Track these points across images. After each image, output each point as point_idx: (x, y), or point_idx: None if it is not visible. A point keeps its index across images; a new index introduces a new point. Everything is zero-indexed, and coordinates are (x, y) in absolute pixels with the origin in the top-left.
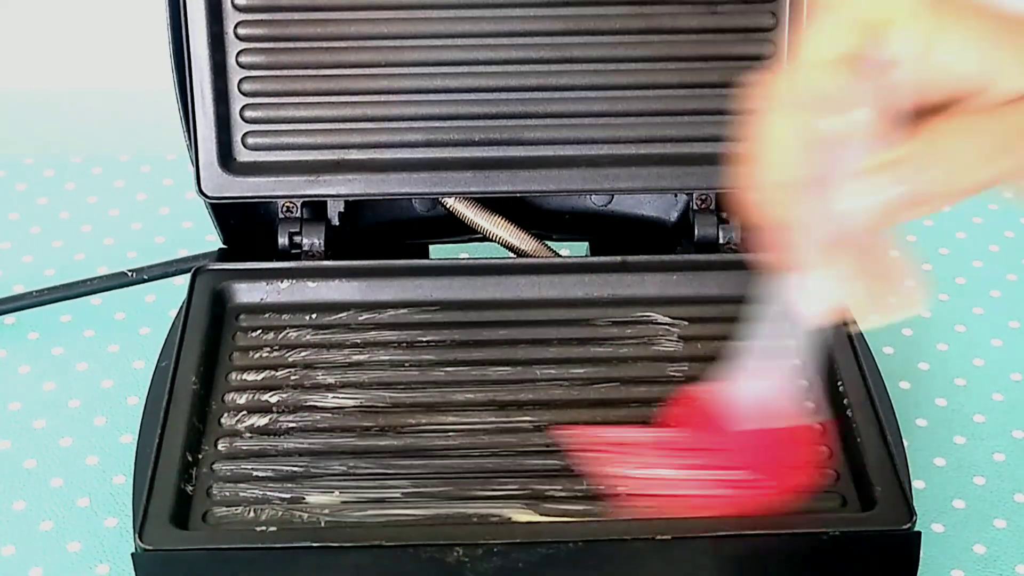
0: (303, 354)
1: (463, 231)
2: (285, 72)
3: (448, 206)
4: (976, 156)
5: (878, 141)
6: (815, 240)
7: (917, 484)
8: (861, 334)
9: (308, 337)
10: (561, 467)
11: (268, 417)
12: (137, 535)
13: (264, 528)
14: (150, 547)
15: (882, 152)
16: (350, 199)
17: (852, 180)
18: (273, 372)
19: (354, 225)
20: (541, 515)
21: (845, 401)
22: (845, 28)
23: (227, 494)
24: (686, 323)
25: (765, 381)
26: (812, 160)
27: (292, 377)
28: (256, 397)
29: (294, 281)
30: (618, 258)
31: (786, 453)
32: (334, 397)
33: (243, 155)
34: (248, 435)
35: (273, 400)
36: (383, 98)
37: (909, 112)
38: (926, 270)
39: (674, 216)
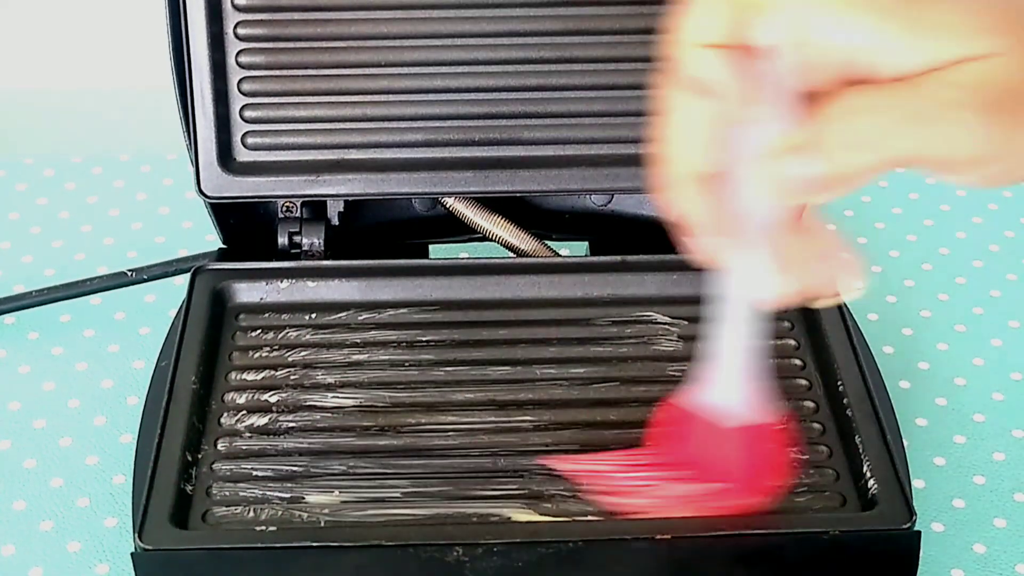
0: (303, 354)
1: (463, 231)
2: (285, 72)
3: (448, 206)
4: (876, 133)
5: (778, 126)
6: (736, 229)
7: (917, 483)
8: (860, 333)
9: (308, 337)
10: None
11: (268, 417)
12: (137, 535)
13: (264, 528)
14: (150, 547)
15: (783, 135)
16: (350, 199)
17: (757, 166)
18: (273, 372)
19: (354, 225)
20: (541, 515)
21: (845, 400)
22: (719, 14)
23: (227, 494)
24: (686, 323)
25: (733, 383)
26: (717, 148)
27: (292, 377)
28: (256, 397)
29: (294, 281)
30: (618, 258)
31: (757, 455)
32: (334, 397)
33: (243, 155)
34: (248, 435)
35: (273, 400)
36: (383, 98)
37: (804, 95)
38: (926, 270)
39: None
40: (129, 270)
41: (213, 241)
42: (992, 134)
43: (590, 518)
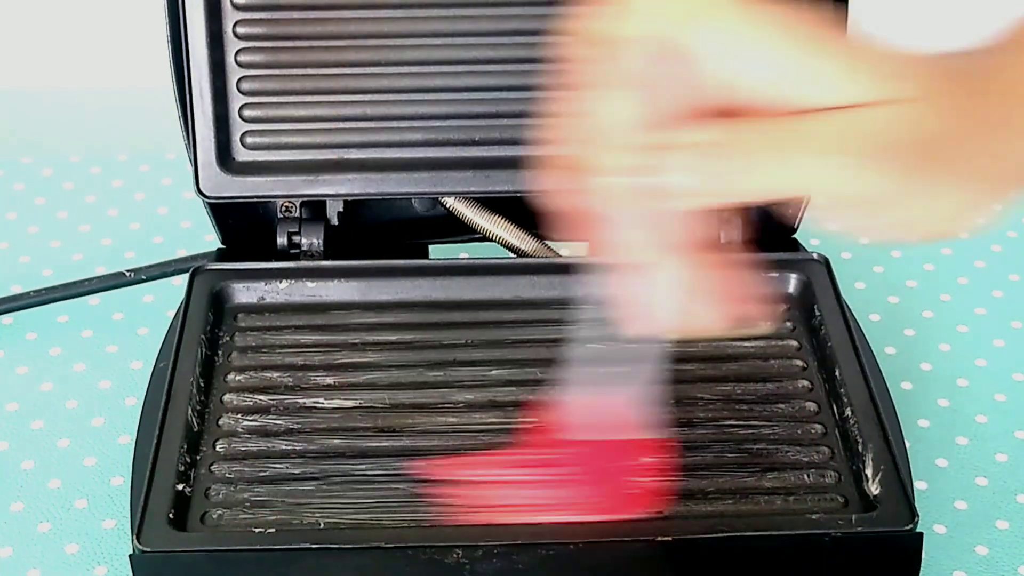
0: (302, 355)
1: (463, 231)
2: (284, 71)
3: (448, 206)
4: (767, 158)
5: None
6: (642, 238)
7: (919, 485)
8: (862, 334)
9: (307, 338)
10: None
11: (267, 418)
12: (135, 536)
13: (263, 530)
14: (148, 549)
15: (676, 134)
16: (349, 199)
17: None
18: (272, 373)
19: (353, 225)
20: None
21: (847, 401)
22: (652, 13)
23: (225, 495)
24: None
25: (602, 391)
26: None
27: (291, 378)
28: (255, 398)
29: (293, 281)
30: None
31: (619, 465)
32: (333, 398)
33: (242, 154)
34: (247, 436)
35: (272, 401)
36: (382, 97)
37: (713, 109)
38: (928, 271)
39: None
40: (127, 270)
41: (212, 241)
42: (881, 180)
43: (591, 519)
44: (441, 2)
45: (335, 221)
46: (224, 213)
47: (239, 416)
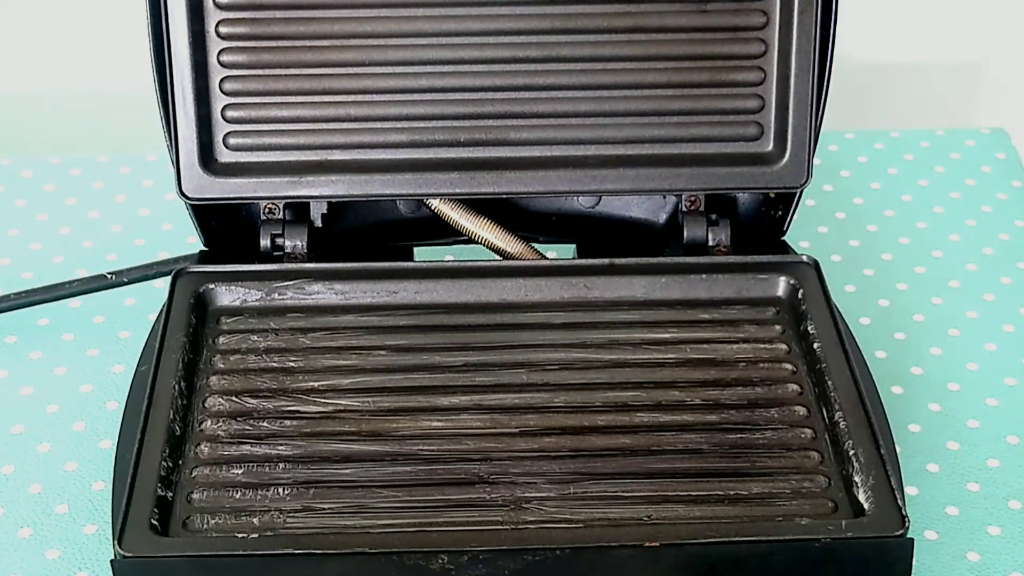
0: (285, 358)
1: (448, 233)
2: (267, 71)
3: (433, 208)
4: None
5: None
6: None
7: (910, 490)
8: (852, 337)
9: (290, 341)
10: (547, 471)
11: (250, 422)
12: (116, 542)
13: (245, 535)
14: (130, 554)
15: None
16: (333, 200)
17: None
18: (255, 376)
19: (337, 227)
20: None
21: (836, 406)
22: None
23: (208, 500)
24: (675, 326)
25: None
26: None
27: (274, 381)
28: (237, 402)
29: (276, 284)
30: (606, 260)
31: None
32: (317, 401)
33: (224, 156)
34: (229, 440)
35: (255, 405)
36: (367, 98)
37: None
38: (919, 273)
39: (663, 218)
40: (109, 273)
41: (194, 243)
42: None
43: (577, 525)
44: (426, 2)
45: (319, 223)
46: (207, 215)
47: (222, 420)
